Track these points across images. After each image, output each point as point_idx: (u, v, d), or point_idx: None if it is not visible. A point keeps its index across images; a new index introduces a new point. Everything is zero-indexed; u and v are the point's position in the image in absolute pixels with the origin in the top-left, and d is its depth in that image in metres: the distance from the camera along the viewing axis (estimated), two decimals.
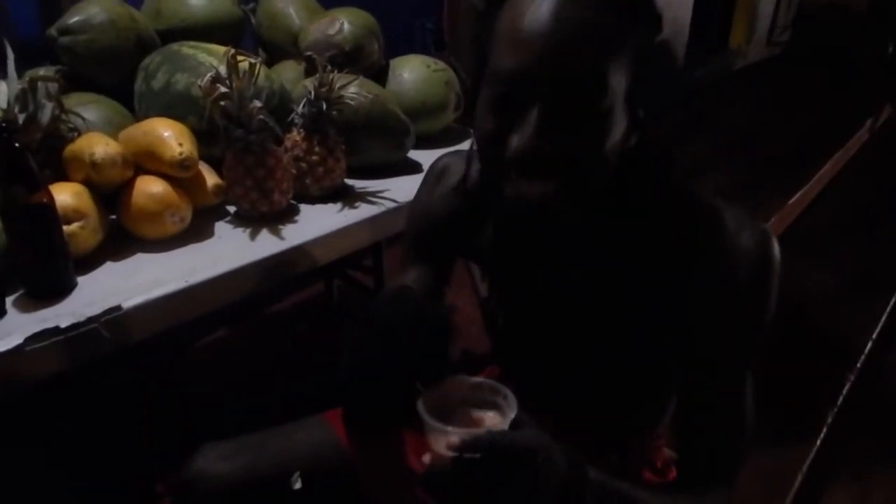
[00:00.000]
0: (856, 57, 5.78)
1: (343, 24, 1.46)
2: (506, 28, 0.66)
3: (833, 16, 6.08)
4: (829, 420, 1.88)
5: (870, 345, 2.23)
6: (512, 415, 0.64)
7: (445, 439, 0.60)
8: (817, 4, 6.25)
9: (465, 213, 0.90)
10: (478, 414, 0.67)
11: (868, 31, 5.94)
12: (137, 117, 1.27)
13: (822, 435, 1.82)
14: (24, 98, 1.01)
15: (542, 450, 0.61)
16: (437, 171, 0.96)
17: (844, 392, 1.99)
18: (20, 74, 1.05)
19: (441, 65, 1.58)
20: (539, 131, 0.64)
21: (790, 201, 3.15)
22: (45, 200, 0.90)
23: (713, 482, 0.78)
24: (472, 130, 0.78)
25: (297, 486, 0.90)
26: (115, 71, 1.32)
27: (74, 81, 1.31)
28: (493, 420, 0.66)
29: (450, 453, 0.59)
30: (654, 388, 0.87)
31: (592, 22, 0.63)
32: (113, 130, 1.17)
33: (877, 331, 2.31)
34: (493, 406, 0.67)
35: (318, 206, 1.27)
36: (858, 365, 2.12)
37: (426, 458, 0.63)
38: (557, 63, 0.63)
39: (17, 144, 0.88)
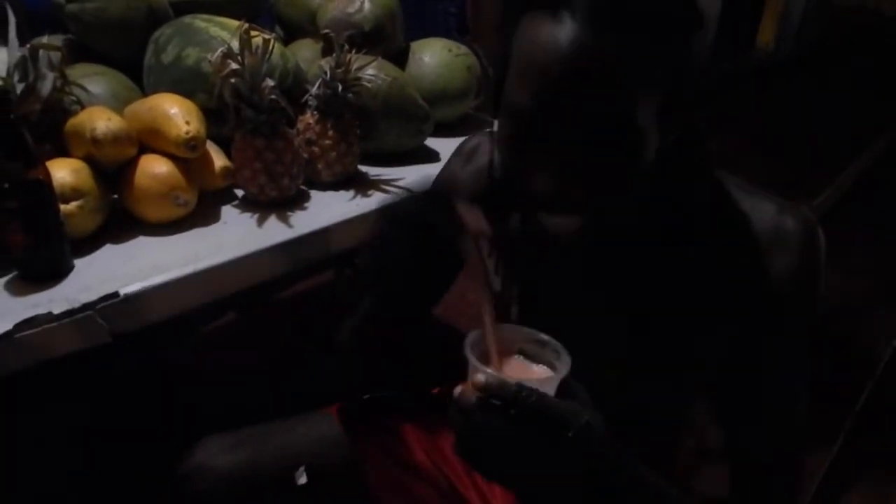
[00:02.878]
0: (887, 58, 5.67)
1: (363, 2, 1.39)
2: (521, 52, 0.58)
3: (865, 17, 5.98)
4: (847, 427, 1.83)
5: (890, 352, 2.17)
6: (561, 375, 0.59)
7: (476, 377, 0.57)
8: (849, 5, 6.14)
9: (490, 197, 0.84)
10: (526, 365, 0.64)
11: None
12: (146, 93, 1.22)
13: (838, 443, 1.78)
14: (24, 67, 0.96)
15: (576, 425, 0.55)
16: (467, 150, 0.91)
17: (862, 399, 1.94)
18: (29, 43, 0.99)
19: (463, 49, 1.52)
20: (561, 176, 0.58)
21: (814, 203, 3.08)
22: (40, 177, 0.85)
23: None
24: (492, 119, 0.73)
25: (302, 480, 0.88)
26: (124, 43, 1.26)
27: (83, 52, 1.25)
28: (540, 374, 0.62)
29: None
30: (679, 405, 0.82)
31: (619, 47, 0.53)
32: (119, 105, 1.11)
33: None
34: (548, 364, 0.63)
35: (330, 193, 1.21)
36: (878, 372, 2.07)
37: (457, 389, 0.59)
38: (576, 99, 0.55)
39: (11, 116, 0.83)
